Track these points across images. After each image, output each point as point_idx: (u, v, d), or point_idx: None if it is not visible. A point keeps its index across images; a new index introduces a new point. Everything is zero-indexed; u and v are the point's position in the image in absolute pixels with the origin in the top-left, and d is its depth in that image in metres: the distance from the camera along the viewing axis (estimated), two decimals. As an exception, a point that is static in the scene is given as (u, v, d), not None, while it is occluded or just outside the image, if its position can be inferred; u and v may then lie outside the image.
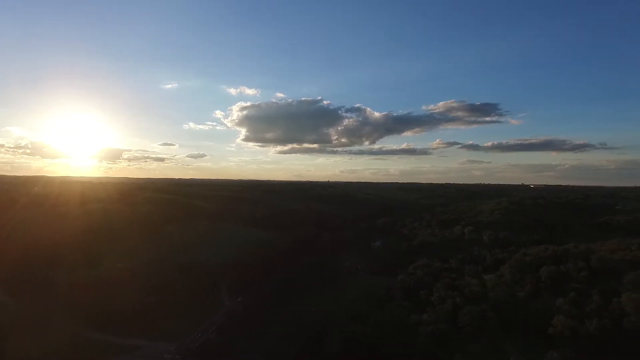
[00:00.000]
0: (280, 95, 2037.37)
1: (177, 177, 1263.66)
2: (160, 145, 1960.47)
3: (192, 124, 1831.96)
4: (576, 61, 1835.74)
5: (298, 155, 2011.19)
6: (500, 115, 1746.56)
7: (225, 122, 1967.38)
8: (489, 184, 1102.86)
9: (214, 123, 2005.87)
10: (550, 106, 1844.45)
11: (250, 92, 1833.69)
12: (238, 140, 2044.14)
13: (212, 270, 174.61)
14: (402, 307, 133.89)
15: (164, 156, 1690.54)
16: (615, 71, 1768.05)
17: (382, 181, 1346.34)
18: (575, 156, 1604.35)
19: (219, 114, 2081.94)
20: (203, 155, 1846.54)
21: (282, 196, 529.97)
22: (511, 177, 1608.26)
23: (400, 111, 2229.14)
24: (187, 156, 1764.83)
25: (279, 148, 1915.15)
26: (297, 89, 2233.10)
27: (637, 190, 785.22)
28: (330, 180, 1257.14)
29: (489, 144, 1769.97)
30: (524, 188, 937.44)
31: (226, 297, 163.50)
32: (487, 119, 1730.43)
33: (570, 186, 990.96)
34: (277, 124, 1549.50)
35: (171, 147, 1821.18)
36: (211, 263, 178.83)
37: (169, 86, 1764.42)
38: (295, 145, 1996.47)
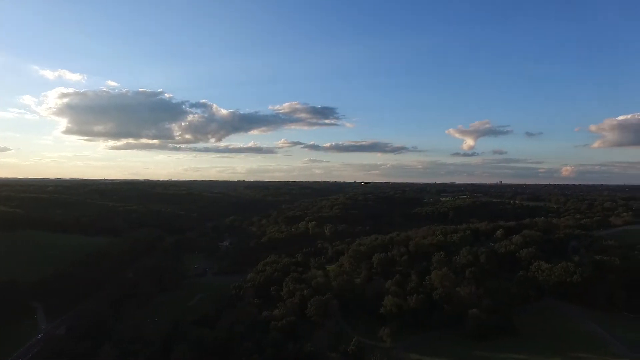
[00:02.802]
0: (112, 83, 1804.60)
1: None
2: None
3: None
4: (396, 74, 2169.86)
5: (135, 151, 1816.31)
6: (338, 118, 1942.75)
7: (37, 110, 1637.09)
8: (328, 182, 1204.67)
9: (22, 110, 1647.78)
10: (377, 112, 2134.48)
11: (73, 77, 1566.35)
12: (56, 133, 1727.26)
13: (24, 290, 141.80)
14: (253, 305, 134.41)
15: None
16: (422, 87, 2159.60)
17: (228, 179, 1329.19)
18: (395, 157, 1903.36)
19: (28, 99, 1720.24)
20: (6, 149, 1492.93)
21: (115, 197, 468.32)
22: (346, 175, 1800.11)
23: (248, 110, 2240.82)
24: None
25: (111, 143, 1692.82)
26: (133, 79, 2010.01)
27: (437, 185, 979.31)
28: (172, 179, 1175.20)
29: (328, 144, 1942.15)
30: (356, 185, 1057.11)
31: (43, 320, 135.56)
32: (327, 121, 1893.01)
33: (391, 183, 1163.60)
34: (109, 115, 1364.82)
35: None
36: (21, 282, 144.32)
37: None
38: (131, 141, 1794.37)
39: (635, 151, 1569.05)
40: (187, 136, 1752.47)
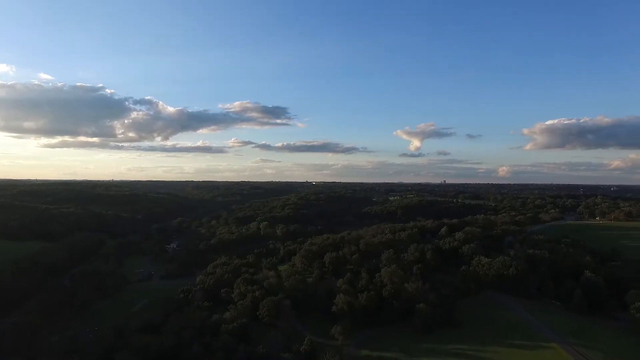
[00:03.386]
0: (45, 76, 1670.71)
1: None
2: None
3: None
4: (347, 75, 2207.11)
5: (72, 150, 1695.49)
6: (289, 118, 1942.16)
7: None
8: (279, 182, 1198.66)
9: None
10: (328, 113, 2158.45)
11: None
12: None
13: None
14: (203, 308, 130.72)
15: None
16: (371, 89, 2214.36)
17: (176, 179, 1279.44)
18: (346, 157, 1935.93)
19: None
20: None
21: (50, 198, 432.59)
22: (298, 175, 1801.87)
23: (196, 108, 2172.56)
24: None
25: (44, 140, 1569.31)
26: (70, 73, 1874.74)
27: (386, 185, 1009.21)
28: (114, 179, 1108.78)
29: (280, 144, 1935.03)
30: (308, 185, 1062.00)
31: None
32: (278, 121, 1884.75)
33: (342, 182, 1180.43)
34: (41, 111, 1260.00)
35: None
36: None
37: None
38: (67, 138, 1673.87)
39: (560, 153, 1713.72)
40: (131, 134, 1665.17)
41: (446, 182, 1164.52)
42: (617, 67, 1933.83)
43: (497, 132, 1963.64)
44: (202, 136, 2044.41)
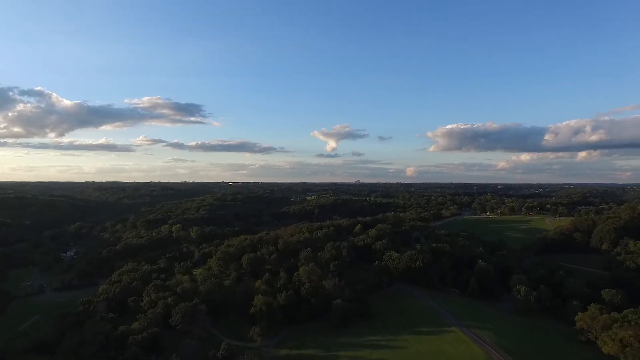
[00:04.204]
0: None
1: None
2: None
3: None
4: (266, 76, 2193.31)
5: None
6: (204, 116, 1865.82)
7: None
8: (193, 182, 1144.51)
9: None
10: (245, 112, 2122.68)
11: None
12: None
13: None
14: (107, 320, 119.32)
15: None
16: (289, 90, 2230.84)
17: (73, 180, 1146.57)
18: (263, 157, 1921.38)
19: None
20: None
21: None
22: (213, 175, 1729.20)
23: (98, 102, 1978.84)
24: None
25: None
26: None
27: (304, 185, 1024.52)
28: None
29: (194, 143, 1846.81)
30: (224, 185, 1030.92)
31: None
32: (192, 119, 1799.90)
33: (260, 183, 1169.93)
34: None
35: None
36: None
37: None
38: None
39: (458, 155, 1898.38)
40: (16, 129, 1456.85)
41: (360, 181, 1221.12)
42: (504, 76, 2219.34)
43: (405, 135, 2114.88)
44: (106, 133, 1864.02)
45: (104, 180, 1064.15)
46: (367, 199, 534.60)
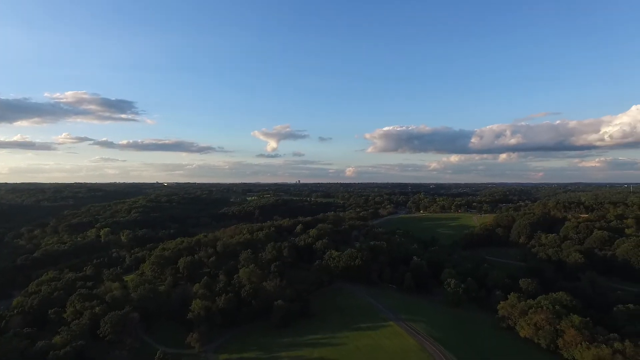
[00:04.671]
0: None
1: None
2: None
3: None
4: (204, 73, 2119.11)
5: None
6: (137, 114, 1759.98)
7: None
8: (124, 183, 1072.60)
9: None
10: (181, 110, 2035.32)
11: None
12: None
13: None
14: (22, 336, 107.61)
15: None
16: (229, 88, 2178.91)
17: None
18: (201, 157, 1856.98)
19: None
20: None
21: None
22: (147, 176, 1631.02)
23: (12, 95, 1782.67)
24: None
25: None
26: None
27: (244, 185, 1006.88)
28: None
29: (125, 142, 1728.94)
30: (159, 186, 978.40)
31: None
32: (123, 116, 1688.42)
33: (197, 183, 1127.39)
34: None
35: None
36: None
37: None
38: None
39: (394, 155, 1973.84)
40: None
41: (301, 181, 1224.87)
42: (436, 81, 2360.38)
43: (345, 136, 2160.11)
44: (22, 129, 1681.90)
45: (19, 182, 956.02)
46: (308, 199, 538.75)
